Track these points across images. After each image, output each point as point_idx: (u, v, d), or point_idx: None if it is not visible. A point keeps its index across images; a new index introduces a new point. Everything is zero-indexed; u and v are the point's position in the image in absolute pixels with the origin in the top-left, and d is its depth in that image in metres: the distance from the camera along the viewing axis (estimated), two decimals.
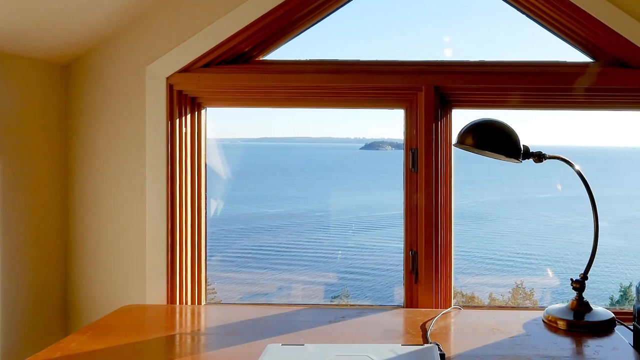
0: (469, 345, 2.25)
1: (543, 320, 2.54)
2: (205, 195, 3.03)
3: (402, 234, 2.95)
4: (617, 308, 3.09)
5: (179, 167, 2.90)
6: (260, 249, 16.31)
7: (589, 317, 2.47)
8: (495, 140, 2.47)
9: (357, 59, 2.92)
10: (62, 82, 2.90)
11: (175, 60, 2.84)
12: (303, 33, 3.01)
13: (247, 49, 2.92)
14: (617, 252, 14.97)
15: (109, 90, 2.89)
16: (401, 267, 2.97)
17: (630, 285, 11.40)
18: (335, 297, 12.22)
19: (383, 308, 2.81)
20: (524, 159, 2.54)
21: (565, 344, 2.28)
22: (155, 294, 2.88)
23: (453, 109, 2.92)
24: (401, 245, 2.97)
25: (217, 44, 2.81)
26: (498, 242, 17.35)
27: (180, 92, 2.90)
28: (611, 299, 11.37)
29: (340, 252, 15.87)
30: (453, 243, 2.94)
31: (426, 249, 2.86)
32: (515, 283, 12.14)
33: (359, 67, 2.87)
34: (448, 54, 2.97)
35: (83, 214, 2.94)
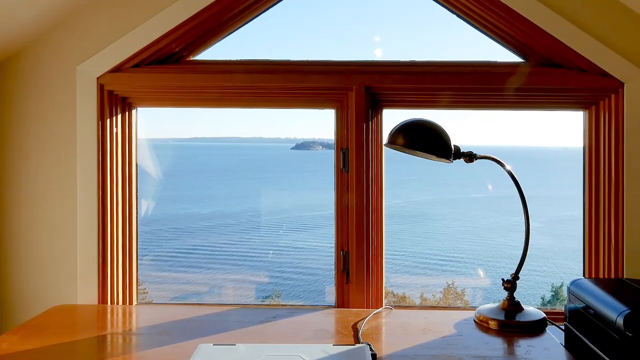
0: (400, 345, 2.26)
1: (474, 320, 2.55)
2: (137, 195, 3.01)
3: (333, 234, 2.94)
4: (549, 308, 3.11)
5: (110, 167, 2.88)
6: (192, 249, 16.27)
7: (520, 317, 2.48)
8: (425, 141, 2.47)
9: (288, 59, 2.92)
10: None
11: (106, 60, 2.82)
12: (234, 33, 3.01)
13: (177, 49, 2.91)
14: (549, 252, 15.14)
15: (40, 90, 2.87)
16: (333, 267, 2.95)
17: (561, 285, 11.55)
18: (266, 297, 12.23)
19: (314, 308, 2.80)
20: (454, 159, 2.55)
21: (496, 344, 2.29)
22: (86, 294, 2.87)
23: (384, 109, 2.93)
24: (333, 245, 2.95)
25: (147, 44, 2.79)
26: (430, 242, 17.46)
27: (111, 92, 2.88)
28: (542, 298, 11.49)
29: (271, 252, 15.86)
30: (384, 243, 2.94)
31: (357, 249, 2.86)
32: (447, 283, 12.21)
33: (289, 67, 2.87)
34: (379, 54, 2.98)
35: (13, 214, 2.91)
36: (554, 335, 2.37)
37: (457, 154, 2.55)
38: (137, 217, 3.01)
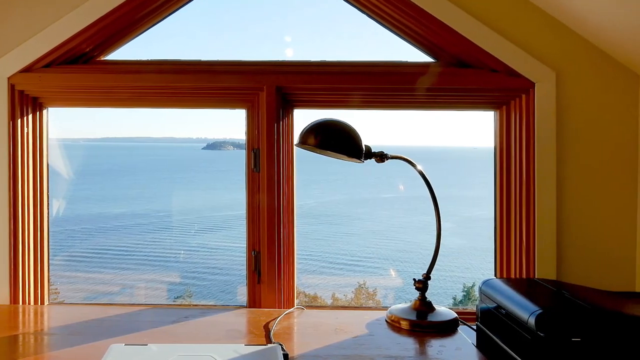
0: (312, 345, 2.26)
1: (386, 320, 2.55)
2: (48, 195, 2.99)
3: (245, 234, 2.92)
4: (460, 308, 3.13)
5: (21, 167, 2.85)
6: (104, 249, 16.16)
7: (432, 317, 2.48)
8: (336, 140, 2.47)
9: (199, 59, 2.90)
10: None
11: (16, 60, 2.79)
12: (144, 33, 3.00)
13: (88, 49, 2.89)
14: (461, 251, 15.31)
15: None
16: (244, 268, 2.94)
17: (473, 285, 11.68)
18: (178, 297, 12.18)
19: (226, 308, 2.80)
20: (366, 159, 2.55)
21: (408, 344, 2.29)
22: None
23: (295, 109, 2.93)
24: (244, 245, 2.94)
25: (58, 43, 2.77)
26: (341, 242, 17.56)
27: (21, 92, 2.85)
28: (454, 298, 11.61)
29: (182, 252, 15.82)
30: (296, 243, 2.95)
31: (269, 249, 2.85)
32: (358, 283, 12.29)
33: (200, 67, 2.86)
34: (289, 54, 2.96)
35: None
36: (466, 335, 2.38)
37: (368, 154, 2.55)
38: (48, 217, 2.98)
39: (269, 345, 2.13)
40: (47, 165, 2.98)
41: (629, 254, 2.75)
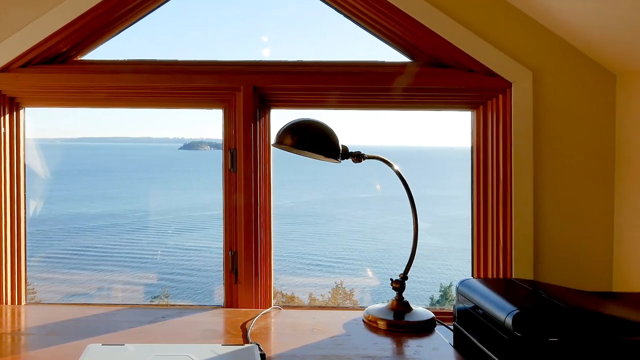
0: (289, 345, 2.25)
1: (363, 321, 2.55)
2: (25, 195, 2.98)
3: (222, 234, 2.92)
4: (438, 308, 3.14)
5: None
6: (81, 249, 16.10)
7: (409, 317, 2.48)
8: (313, 140, 2.47)
9: (176, 59, 2.90)
10: None
11: None
12: (121, 33, 3.00)
13: (65, 49, 2.88)
14: (438, 251, 15.34)
15: None
16: (222, 268, 2.94)
17: (450, 285, 11.71)
18: (155, 297, 12.16)
19: (203, 308, 2.80)
20: (342, 159, 2.55)
21: (385, 344, 2.29)
22: None
23: (272, 109, 2.92)
24: (221, 245, 2.94)
25: (35, 43, 2.76)
26: (318, 242, 17.57)
27: None
28: (431, 299, 11.64)
29: (159, 251, 15.79)
30: (273, 243, 2.96)
31: (246, 249, 2.85)
32: (335, 283, 12.29)
33: (177, 67, 2.86)
34: (266, 54, 2.96)
35: None
36: (443, 335, 2.38)
37: (345, 154, 2.55)
38: (25, 217, 2.98)
39: (246, 345, 2.13)
40: (24, 165, 2.97)
41: (605, 253, 2.76)
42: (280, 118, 2.84)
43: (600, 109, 2.74)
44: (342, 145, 2.53)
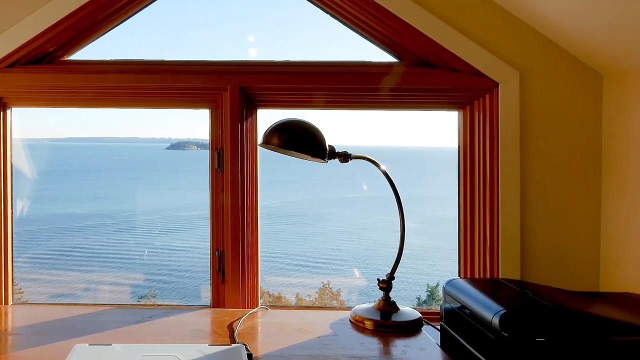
0: (276, 345, 2.26)
1: (350, 320, 2.55)
2: (12, 195, 2.98)
3: (209, 234, 2.92)
4: (425, 308, 3.15)
5: None
6: (68, 250, 16.07)
7: (396, 317, 2.49)
8: (300, 140, 2.47)
9: (163, 59, 2.89)
10: None
11: None
12: (108, 33, 2.99)
13: (52, 49, 2.88)
14: (425, 251, 15.35)
15: None
16: (209, 268, 2.95)
17: (437, 285, 11.71)
18: (142, 297, 12.15)
19: (190, 308, 2.80)
20: (329, 159, 2.55)
21: (372, 344, 2.29)
22: None
23: (259, 109, 2.93)
24: (208, 245, 2.94)
25: (22, 43, 2.76)
26: (305, 242, 17.56)
27: None
28: (418, 298, 11.64)
29: (146, 251, 15.77)
30: (259, 243, 2.96)
31: (232, 249, 2.85)
32: (322, 283, 12.29)
33: (164, 67, 2.86)
34: (253, 54, 2.97)
35: None
36: (430, 335, 2.38)
37: (332, 154, 2.55)
38: (12, 217, 2.98)
39: (233, 345, 2.13)
40: (11, 165, 2.97)
41: (592, 253, 2.76)
42: (267, 118, 2.84)
43: (587, 109, 2.74)
44: (329, 145, 2.53)
